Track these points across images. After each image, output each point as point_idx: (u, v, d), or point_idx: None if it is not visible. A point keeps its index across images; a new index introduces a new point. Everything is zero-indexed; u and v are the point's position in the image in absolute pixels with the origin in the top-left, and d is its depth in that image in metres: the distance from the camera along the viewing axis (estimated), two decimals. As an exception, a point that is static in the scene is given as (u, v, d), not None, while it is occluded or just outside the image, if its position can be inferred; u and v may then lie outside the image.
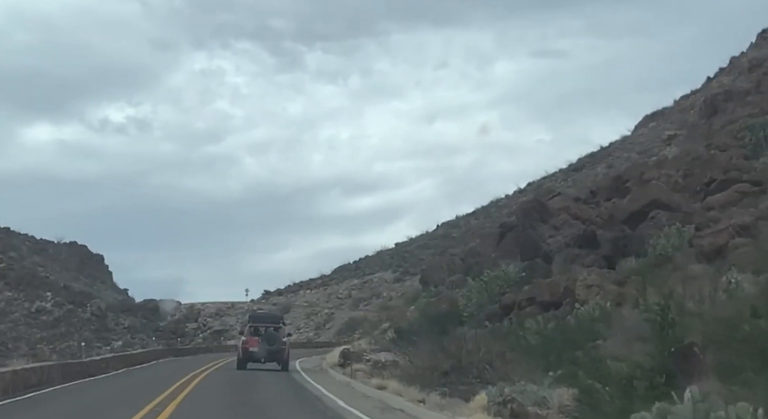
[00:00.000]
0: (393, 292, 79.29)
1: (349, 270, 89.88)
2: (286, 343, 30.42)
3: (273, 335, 30.44)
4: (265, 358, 29.98)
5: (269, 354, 29.88)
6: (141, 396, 16.96)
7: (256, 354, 29.89)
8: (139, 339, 66.83)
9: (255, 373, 27.68)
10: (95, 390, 20.42)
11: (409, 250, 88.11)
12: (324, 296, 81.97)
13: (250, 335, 30.71)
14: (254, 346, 29.96)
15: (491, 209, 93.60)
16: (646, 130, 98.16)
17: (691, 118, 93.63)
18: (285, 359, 30.00)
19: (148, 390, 18.62)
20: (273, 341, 30.01)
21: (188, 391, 18.93)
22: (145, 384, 22.15)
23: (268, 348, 29.78)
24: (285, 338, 30.68)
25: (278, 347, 29.87)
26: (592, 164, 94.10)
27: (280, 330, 31.03)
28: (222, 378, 25.09)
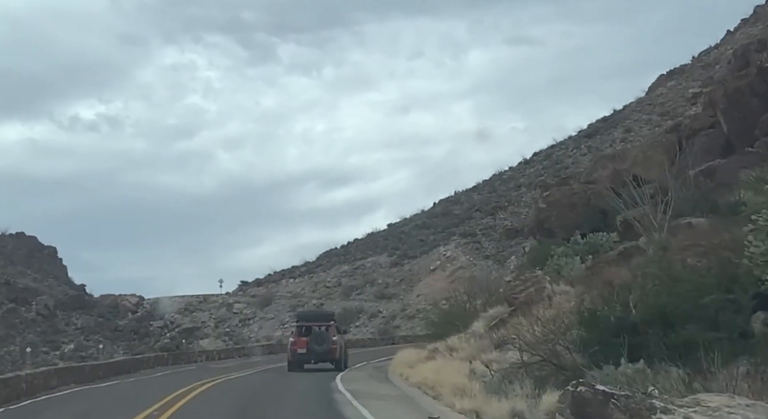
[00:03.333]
0: (390, 278, 71.24)
1: (336, 256, 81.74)
2: (337, 342, 29.42)
3: (321, 334, 29.51)
4: (314, 359, 29.53)
5: (318, 354, 29.33)
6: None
7: (305, 356, 29.42)
8: (94, 341, 58.23)
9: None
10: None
11: (405, 231, 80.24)
12: (310, 286, 74.21)
13: (297, 335, 30.13)
14: (302, 347, 29.35)
15: (495, 183, 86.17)
16: (664, 89, 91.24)
17: (718, 73, 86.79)
18: (338, 358, 29.35)
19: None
20: (321, 340, 29.21)
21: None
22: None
23: (316, 348, 29.13)
24: (335, 337, 29.54)
25: (327, 347, 29.10)
26: (606, 129, 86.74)
27: (330, 328, 29.93)
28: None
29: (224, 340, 61.30)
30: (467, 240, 73.72)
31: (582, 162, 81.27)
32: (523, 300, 18.65)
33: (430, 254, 73.58)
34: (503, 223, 75.09)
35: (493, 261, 69.69)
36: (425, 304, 58.88)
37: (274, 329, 62.41)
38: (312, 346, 29.09)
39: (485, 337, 19.41)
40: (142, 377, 28.42)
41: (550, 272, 21.44)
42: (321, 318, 32.33)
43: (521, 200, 78.45)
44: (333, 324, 30.46)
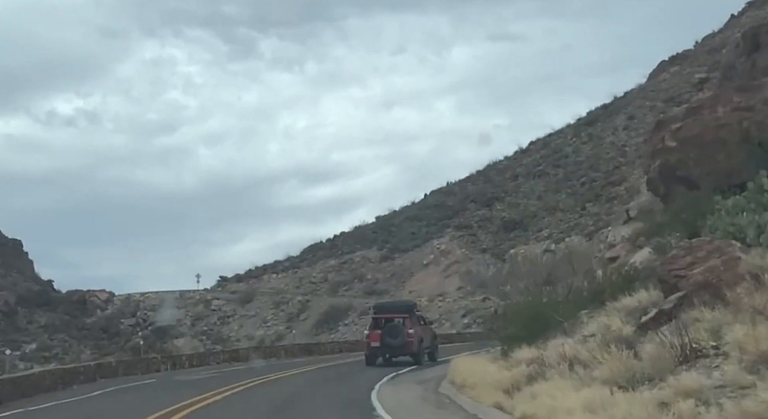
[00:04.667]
0: (380, 273, 67.55)
1: (322, 250, 77.85)
2: (414, 334, 28.44)
3: (395, 327, 28.67)
4: (389, 353, 28.88)
5: (392, 348, 28.56)
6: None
7: (379, 350, 28.82)
8: (59, 341, 54.04)
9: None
10: None
11: (396, 223, 76.54)
12: (294, 281, 70.49)
13: (371, 328, 29.59)
14: (375, 341, 28.72)
15: (490, 173, 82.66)
16: (668, 75, 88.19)
17: (725, 57, 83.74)
18: (416, 351, 28.48)
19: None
20: (395, 334, 28.38)
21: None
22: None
23: (390, 341, 28.33)
24: (412, 329, 28.50)
25: (402, 340, 28.24)
26: (607, 116, 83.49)
27: (406, 319, 28.90)
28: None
29: (201, 340, 57.39)
30: (462, 233, 70.25)
31: (583, 151, 78.12)
32: (702, 281, 11.54)
33: (423, 248, 70.04)
34: (501, 214, 71.61)
35: (490, 255, 66.27)
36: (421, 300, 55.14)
37: (255, 327, 58.58)
38: (385, 339, 28.28)
39: (637, 341, 11.64)
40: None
41: (721, 236, 13.88)
42: (397, 309, 31.21)
43: (519, 190, 75.12)
44: (410, 315, 29.36)
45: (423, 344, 28.89)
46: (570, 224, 63.25)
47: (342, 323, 55.46)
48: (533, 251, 62.80)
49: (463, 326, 48.64)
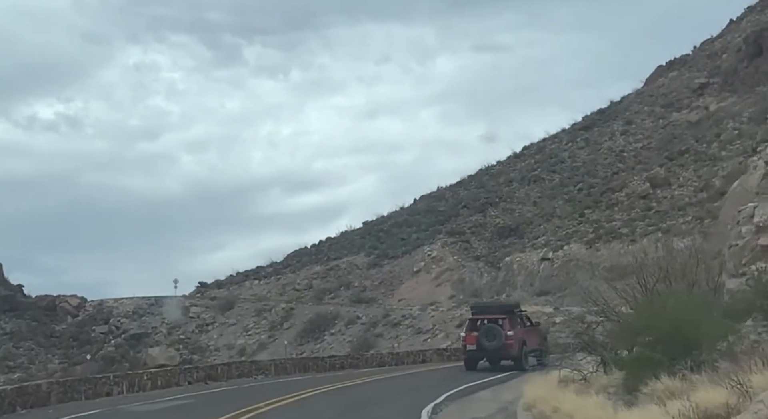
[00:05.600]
0: (367, 281, 64.93)
1: (307, 256, 75.11)
2: (513, 337, 27.18)
3: (492, 329, 27.36)
4: (486, 357, 27.70)
5: (489, 352, 27.35)
6: None
7: (476, 353, 27.71)
8: (25, 349, 50.84)
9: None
10: None
11: (384, 229, 73.92)
12: (277, 288, 67.77)
13: (468, 330, 28.51)
14: (471, 343, 27.66)
15: (483, 177, 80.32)
16: (666, 80, 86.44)
17: (726, 62, 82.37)
18: (516, 354, 27.05)
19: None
20: (492, 336, 27.13)
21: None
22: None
23: (486, 344, 27.17)
24: (511, 331, 27.13)
25: (499, 342, 26.99)
26: (604, 121, 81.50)
27: (505, 320, 27.54)
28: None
29: (178, 348, 54.33)
30: (455, 239, 67.76)
31: (580, 156, 75.98)
32: None
33: (413, 255, 67.46)
34: (495, 221, 69.17)
35: (484, 262, 63.72)
36: (412, 309, 52.47)
37: (236, 336, 55.61)
38: (482, 342, 27.09)
39: None
40: None
41: None
42: (495, 309, 29.89)
43: (514, 195, 72.72)
44: (510, 316, 27.98)
45: (527, 347, 27.45)
46: (568, 231, 60.90)
47: (328, 332, 52.63)
48: (530, 258, 60.37)
49: (458, 337, 45.92)
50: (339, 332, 52.30)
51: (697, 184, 59.89)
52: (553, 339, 41.85)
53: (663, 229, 55.10)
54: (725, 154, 62.28)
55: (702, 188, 58.88)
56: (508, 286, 58.58)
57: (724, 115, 69.16)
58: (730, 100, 72.18)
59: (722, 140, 64.54)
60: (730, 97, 72.70)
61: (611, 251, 55.82)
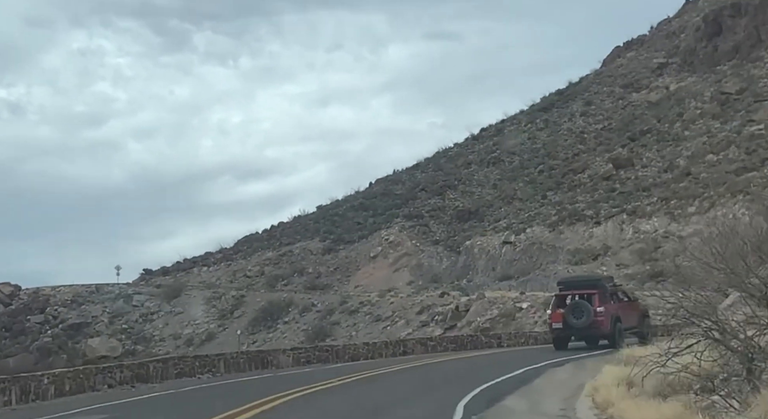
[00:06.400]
0: (322, 266, 62.48)
1: (258, 241, 72.25)
2: (604, 313, 25.08)
3: (579, 305, 25.45)
4: (574, 335, 25.84)
5: (577, 330, 25.39)
6: None
7: (563, 332, 25.75)
8: (-49, 342, 47.22)
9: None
10: None
11: (339, 213, 71.38)
12: (227, 275, 64.87)
13: (554, 307, 26.50)
14: (557, 321, 25.74)
15: (440, 160, 78.19)
16: (624, 61, 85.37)
17: (684, 42, 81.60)
18: (609, 332, 24.93)
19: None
20: (579, 313, 25.20)
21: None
22: None
23: (573, 321, 25.16)
24: (600, 307, 25.07)
25: (588, 320, 24.93)
26: (563, 102, 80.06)
27: (594, 296, 25.53)
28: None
29: (120, 339, 51.17)
30: (413, 223, 65.66)
31: (539, 137, 74.39)
32: None
33: (370, 239, 65.20)
34: (454, 204, 67.19)
35: (443, 247, 61.73)
36: (370, 296, 50.19)
37: (183, 325, 52.64)
38: (569, 319, 25.10)
39: None
40: None
41: None
42: (583, 284, 27.42)
43: (473, 178, 70.83)
44: (600, 291, 25.67)
45: (621, 324, 25.08)
46: (530, 214, 59.28)
47: (281, 320, 50.08)
48: (491, 242, 58.59)
49: (419, 324, 43.82)
50: (293, 320, 49.79)
51: (661, 164, 58.75)
52: (520, 326, 40.06)
53: (628, 210, 53.78)
54: (688, 134, 61.31)
55: (666, 168, 57.74)
56: (470, 271, 56.70)
57: (684, 94, 68.21)
58: (689, 79, 71.29)
59: (685, 119, 63.57)
60: (689, 77, 71.82)
61: (575, 233, 54.34)
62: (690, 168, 55.85)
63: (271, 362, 25.85)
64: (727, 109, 62.02)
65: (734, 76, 66.06)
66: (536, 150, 71.83)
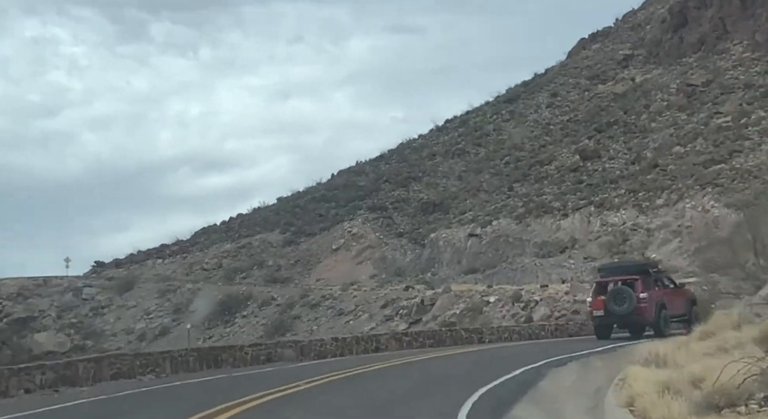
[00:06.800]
0: (282, 259, 60.73)
1: (216, 233, 70.21)
2: (648, 299, 23.78)
3: (621, 291, 24.19)
4: (617, 324, 24.60)
5: (619, 317, 24.08)
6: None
7: (604, 320, 24.45)
8: None
9: None
10: None
11: (301, 205, 69.63)
12: (183, 267, 62.74)
13: (595, 294, 25.28)
14: (598, 309, 24.44)
15: (404, 152, 76.78)
16: (589, 52, 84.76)
17: (650, 33, 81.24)
18: (650, 320, 23.52)
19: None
20: (621, 299, 23.92)
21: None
22: None
23: (615, 309, 23.90)
24: (644, 293, 23.79)
25: (630, 307, 23.68)
26: (529, 94, 79.21)
27: (637, 282, 24.27)
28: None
29: (69, 334, 48.87)
30: (376, 215, 64.17)
31: (505, 129, 73.36)
32: None
33: (332, 231, 63.53)
34: (418, 196, 65.81)
35: (408, 239, 60.33)
36: (332, 289, 48.61)
37: (136, 319, 50.50)
38: (610, 307, 24.11)
39: None
40: None
41: None
42: (625, 269, 26.21)
43: (437, 169, 69.53)
44: (643, 277, 24.63)
45: (667, 311, 24.04)
46: (497, 206, 58.16)
47: (239, 314, 48.23)
48: (456, 235, 57.33)
49: (383, 318, 42.35)
50: (252, 314, 48.02)
51: (628, 156, 58.04)
52: (488, 320, 38.79)
53: (595, 203, 52.92)
54: (655, 125, 60.72)
55: (633, 160, 57.03)
56: (435, 264, 55.39)
57: (651, 86, 67.67)
58: (655, 72, 70.81)
59: (651, 111, 62.99)
60: (655, 69, 71.35)
61: (542, 226, 53.34)
62: (657, 160, 55.18)
63: (226, 360, 22.58)
64: (693, 101, 61.56)
65: (700, 68, 65.71)
66: (502, 141, 70.78)
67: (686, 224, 46.60)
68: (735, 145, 51.93)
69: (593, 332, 25.70)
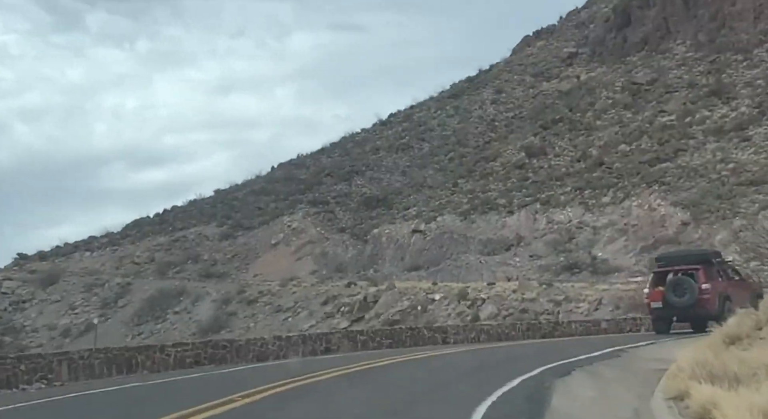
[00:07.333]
0: (219, 253, 58.49)
1: (149, 226, 67.44)
2: (711, 290, 22.03)
3: (682, 282, 22.37)
4: (677, 317, 22.77)
5: (680, 310, 22.19)
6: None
7: (663, 312, 22.65)
8: None
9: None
10: None
11: (239, 198, 67.43)
12: (113, 261, 59.85)
13: (652, 284, 23.30)
14: (656, 300, 22.59)
15: (347, 145, 75.11)
16: (534, 50, 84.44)
17: (594, 32, 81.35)
18: (714, 313, 20.91)
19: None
20: (681, 290, 22.10)
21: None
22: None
23: (674, 300, 22.07)
24: (706, 284, 22.06)
25: (691, 298, 21.87)
26: (474, 89, 78.47)
27: (699, 272, 22.46)
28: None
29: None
30: (317, 209, 62.35)
31: (450, 124, 72.39)
32: None
33: (271, 226, 61.54)
34: (361, 190, 64.25)
35: (349, 235, 58.71)
36: (270, 285, 46.77)
37: (60, 315, 47.71)
38: (669, 298, 22.40)
39: None
40: None
41: None
42: (686, 259, 24.35)
43: (381, 164, 68.10)
44: (705, 266, 22.88)
45: (731, 303, 21.77)
46: (441, 202, 57.02)
47: (171, 310, 45.99)
48: (400, 231, 56.01)
49: (324, 315, 40.72)
50: (185, 310, 45.86)
51: (574, 153, 57.62)
52: (433, 319, 37.52)
53: (541, 200, 52.26)
54: (600, 123, 60.48)
55: (579, 157, 56.61)
56: (379, 260, 53.95)
57: (595, 84, 67.53)
58: (599, 70, 70.78)
59: (596, 109, 62.78)
60: (599, 67, 71.33)
61: (488, 223, 52.42)
62: (603, 158, 54.88)
63: (142, 364, 18.18)
64: (638, 99, 61.56)
65: (644, 66, 65.85)
66: (447, 137, 69.77)
67: (632, 222, 46.24)
68: (680, 143, 51.91)
69: (651, 326, 24.10)
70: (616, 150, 55.38)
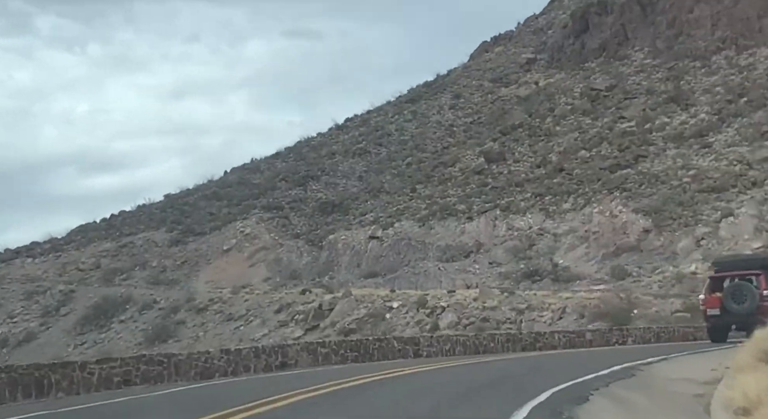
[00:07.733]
0: (168, 260, 56.51)
1: (95, 231, 65.06)
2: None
3: (741, 287, 21.47)
4: (735, 324, 21.40)
5: (739, 317, 20.96)
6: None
7: (720, 319, 21.60)
8: None
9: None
10: None
11: (190, 202, 65.49)
12: (56, 268, 57.57)
13: (708, 291, 22.34)
14: (713, 307, 21.59)
15: (302, 150, 73.59)
16: (492, 55, 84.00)
17: (552, 38, 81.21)
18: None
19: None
20: (741, 297, 21.21)
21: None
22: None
23: (733, 307, 21.13)
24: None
25: (752, 305, 20.82)
26: (432, 94, 77.66)
27: (760, 277, 21.35)
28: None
29: None
30: (271, 215, 60.73)
31: (407, 129, 71.38)
32: None
33: (224, 231, 59.77)
34: (316, 195, 62.78)
35: (304, 241, 57.22)
36: (222, 292, 45.01)
37: (-4, 324, 45.30)
38: (728, 305, 21.42)
39: None
40: None
41: None
42: (745, 264, 23.48)
43: (337, 168, 66.71)
44: (766, 271, 21.83)
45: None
46: (399, 208, 55.90)
47: (117, 319, 43.97)
48: (356, 237, 54.71)
49: (278, 324, 39.15)
50: (131, 318, 43.88)
51: (534, 159, 57.01)
52: (391, 327, 36.22)
53: (501, 206, 51.45)
54: (559, 129, 60.06)
55: (539, 163, 56.01)
56: (334, 266, 52.53)
57: (554, 90, 67.19)
58: (558, 76, 70.52)
59: (556, 115, 62.38)
60: (557, 73, 71.07)
61: (446, 229, 51.42)
62: (563, 164, 54.36)
63: (57, 384, 14.63)
64: (597, 105, 61.36)
65: (603, 73, 65.75)
66: (404, 142, 68.74)
67: (594, 229, 45.66)
68: (640, 150, 51.64)
69: (707, 334, 22.97)
70: (576, 156, 54.93)
